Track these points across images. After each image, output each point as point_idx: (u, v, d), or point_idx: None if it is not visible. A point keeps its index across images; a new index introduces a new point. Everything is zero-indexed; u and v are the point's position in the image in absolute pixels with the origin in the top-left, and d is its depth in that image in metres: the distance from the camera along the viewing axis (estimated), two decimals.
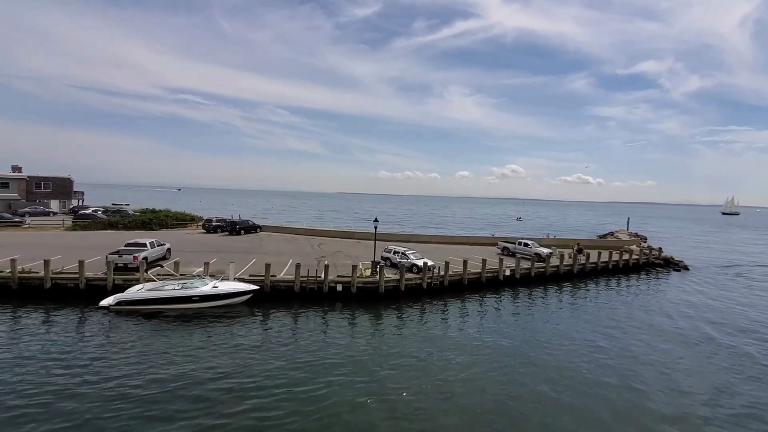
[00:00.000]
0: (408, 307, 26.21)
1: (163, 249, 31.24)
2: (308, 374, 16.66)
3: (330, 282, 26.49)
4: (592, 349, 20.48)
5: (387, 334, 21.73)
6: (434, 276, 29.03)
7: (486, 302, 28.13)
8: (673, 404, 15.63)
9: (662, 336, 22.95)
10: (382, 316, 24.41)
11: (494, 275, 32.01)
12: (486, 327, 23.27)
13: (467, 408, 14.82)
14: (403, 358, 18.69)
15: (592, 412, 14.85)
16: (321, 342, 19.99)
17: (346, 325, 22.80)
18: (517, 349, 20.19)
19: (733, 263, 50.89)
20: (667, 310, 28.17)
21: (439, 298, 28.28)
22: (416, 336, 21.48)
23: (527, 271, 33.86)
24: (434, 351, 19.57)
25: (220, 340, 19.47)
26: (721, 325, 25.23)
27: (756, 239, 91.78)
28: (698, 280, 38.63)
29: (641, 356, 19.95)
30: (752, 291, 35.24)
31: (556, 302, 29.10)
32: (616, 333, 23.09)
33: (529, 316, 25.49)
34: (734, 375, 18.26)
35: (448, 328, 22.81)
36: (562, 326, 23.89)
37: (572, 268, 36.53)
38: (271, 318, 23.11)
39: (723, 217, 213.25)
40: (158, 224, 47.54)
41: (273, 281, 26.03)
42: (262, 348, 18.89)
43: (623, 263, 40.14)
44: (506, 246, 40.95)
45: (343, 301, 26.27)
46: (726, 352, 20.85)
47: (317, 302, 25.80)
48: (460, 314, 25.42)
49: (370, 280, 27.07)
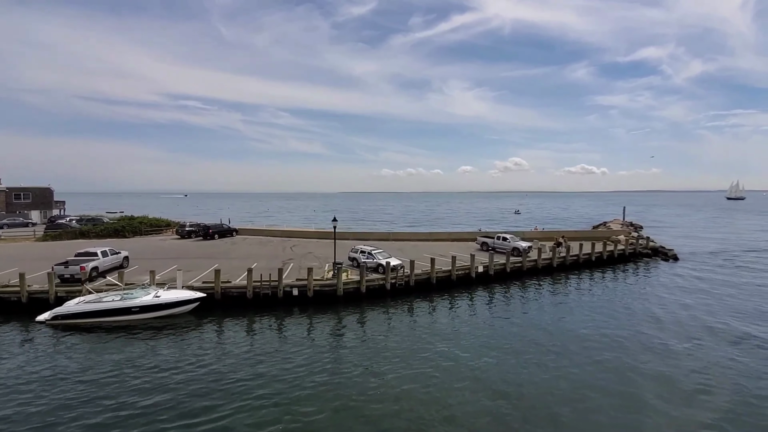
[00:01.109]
0: (370, 309, 24.80)
1: (119, 258, 30.05)
2: (253, 385, 15.48)
3: (285, 286, 25.17)
4: (567, 352, 18.96)
5: (342, 340, 20.33)
6: (398, 276, 27.61)
7: (454, 302, 26.63)
8: (648, 405, 14.15)
9: (632, 335, 21.36)
10: (338, 320, 23.04)
11: (466, 273, 30.50)
12: (451, 330, 21.74)
13: (424, 419, 13.50)
14: (350, 366, 17.32)
15: (571, 421, 13.41)
16: (270, 351, 18.69)
17: (299, 331, 21.38)
18: (481, 352, 18.75)
19: (726, 250, 49.08)
20: (645, 303, 26.53)
21: (405, 299, 26.85)
22: (372, 342, 20.06)
23: (502, 266, 32.32)
24: (387, 358, 18.16)
25: (155, 355, 18.17)
26: (700, 321, 23.59)
27: (756, 224, 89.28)
28: (685, 269, 36.85)
29: (610, 359, 18.42)
30: (739, 279, 33.44)
31: (530, 299, 27.54)
32: (589, 331, 21.51)
33: (499, 317, 23.90)
34: (704, 373, 16.71)
35: (408, 332, 21.30)
36: (531, 325, 22.34)
37: (552, 262, 34.92)
38: (217, 327, 21.81)
39: (728, 202, 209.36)
40: (131, 231, 46.49)
41: (224, 288, 24.74)
42: (200, 362, 17.51)
43: (608, 254, 38.44)
44: (485, 241, 39.39)
45: (300, 306, 24.95)
46: (699, 352, 19.26)
47: (272, 308, 24.50)
48: (424, 316, 23.95)
49: (328, 283, 25.70)
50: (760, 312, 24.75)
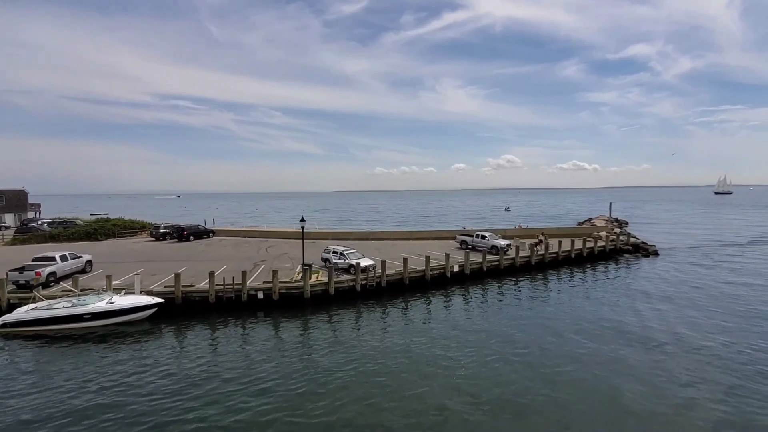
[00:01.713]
0: (338, 312, 23.99)
1: (81, 262, 28.94)
2: (213, 395, 14.70)
3: (250, 289, 24.31)
4: (540, 352, 18.33)
5: (307, 345, 19.50)
6: (369, 277, 26.86)
7: (427, 303, 25.94)
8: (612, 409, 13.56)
9: (604, 334, 20.80)
10: (305, 324, 22.23)
11: (440, 272, 29.85)
12: (422, 331, 21.00)
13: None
14: (315, 371, 16.57)
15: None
16: (231, 358, 17.92)
17: (264, 336, 20.56)
18: (454, 355, 18.10)
19: (706, 245, 49.23)
20: (620, 301, 26.05)
21: (376, 300, 26.11)
22: (338, 346, 19.25)
23: (478, 265, 31.69)
24: (353, 362, 17.41)
25: (106, 366, 17.19)
26: (675, 318, 23.13)
27: (738, 218, 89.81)
28: (663, 265, 36.53)
29: (583, 358, 17.83)
30: (715, 275, 33.15)
31: (506, 299, 26.91)
32: (561, 330, 20.92)
33: (473, 317, 23.20)
34: (668, 374, 16.17)
35: (378, 335, 20.51)
36: (505, 325, 21.69)
37: (530, 260, 34.37)
38: (175, 334, 20.91)
39: (715, 197, 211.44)
40: (104, 234, 45.24)
41: (186, 292, 23.82)
42: (154, 371, 16.60)
43: (588, 251, 38.03)
44: (464, 239, 38.78)
45: (265, 310, 24.11)
46: (669, 354, 18.75)
47: (236, 313, 23.64)
48: (394, 318, 23.18)
49: (294, 286, 24.88)
50: (729, 311, 24.36)
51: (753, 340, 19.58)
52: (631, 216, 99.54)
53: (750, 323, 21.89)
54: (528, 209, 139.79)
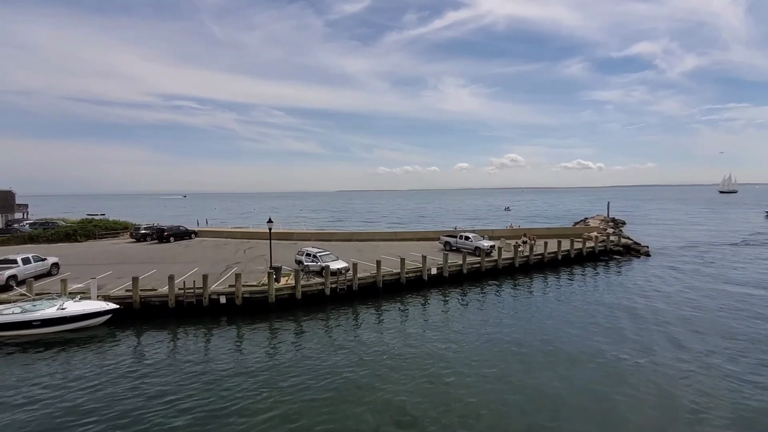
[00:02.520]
0: (304, 318, 22.99)
1: (45, 265, 28.18)
2: (168, 409, 13.82)
3: (212, 294, 23.40)
4: (514, 362, 17.28)
5: (269, 353, 18.54)
6: (339, 280, 25.86)
7: (400, 308, 24.89)
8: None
9: (586, 341, 19.69)
10: (269, 331, 21.31)
11: (417, 275, 28.79)
12: (390, 338, 19.98)
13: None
14: (276, 381, 15.69)
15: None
16: (190, 366, 17.05)
17: (224, 343, 19.64)
18: (426, 363, 17.19)
19: (701, 245, 48.05)
20: (604, 306, 24.88)
21: (347, 305, 25.11)
22: (300, 354, 18.37)
23: (458, 268, 30.61)
24: (316, 370, 16.52)
25: (53, 374, 16.33)
26: (656, 327, 21.96)
27: (740, 217, 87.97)
28: (654, 268, 35.26)
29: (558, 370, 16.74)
30: (705, 277, 31.86)
31: (485, 303, 25.77)
32: (539, 339, 19.83)
33: (448, 323, 22.10)
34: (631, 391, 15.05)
35: (343, 343, 19.52)
36: (482, 332, 20.61)
37: (513, 262, 33.24)
38: (130, 341, 20.04)
39: (720, 196, 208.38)
40: (84, 235, 44.60)
41: (144, 297, 22.96)
42: (103, 381, 15.69)
43: (575, 253, 36.82)
44: (448, 240, 37.68)
45: (228, 315, 23.19)
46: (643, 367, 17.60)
47: (198, 318, 22.77)
48: (364, 325, 22.15)
49: (258, 290, 23.93)
50: (715, 316, 23.17)
51: (734, 353, 18.41)
52: (630, 216, 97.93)
53: (733, 334, 20.69)
54: (528, 209, 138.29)
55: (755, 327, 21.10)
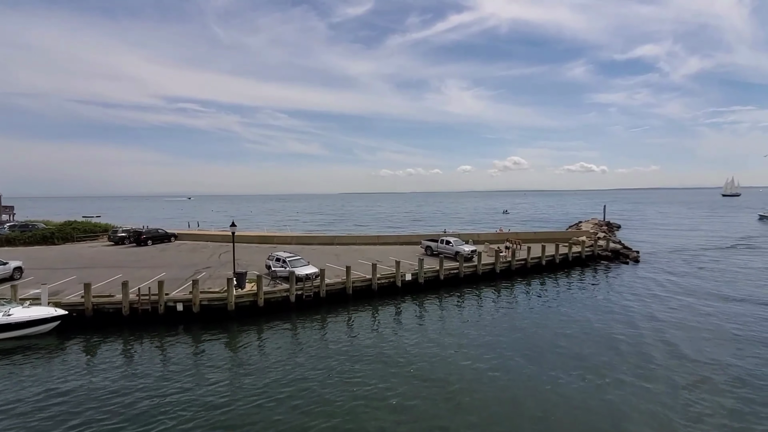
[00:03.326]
0: (268, 328, 21.92)
1: (8, 269, 27.34)
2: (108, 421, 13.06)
3: (168, 301, 22.42)
4: (486, 378, 16.20)
5: (226, 365, 17.54)
6: (306, 287, 24.83)
7: (370, 316, 23.79)
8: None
9: (554, 358, 18.55)
10: (226, 340, 20.29)
11: (390, 281, 27.73)
12: (356, 349, 18.97)
13: None
14: (232, 394, 14.73)
15: None
16: (140, 379, 16.17)
17: (179, 354, 18.67)
18: (392, 377, 16.13)
19: (693, 249, 46.90)
20: (583, 317, 23.71)
21: (314, 313, 24.04)
22: (264, 365, 17.45)
23: (435, 274, 29.52)
24: (274, 382, 15.61)
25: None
26: (635, 339, 20.79)
27: (737, 220, 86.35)
28: (641, 274, 33.98)
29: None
30: (693, 285, 30.59)
31: (460, 312, 24.59)
32: (512, 352, 18.72)
33: (419, 333, 20.97)
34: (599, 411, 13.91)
35: (304, 353, 18.55)
36: (453, 344, 19.44)
37: (495, 268, 32.10)
38: (77, 351, 19.09)
39: (722, 199, 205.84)
40: (61, 238, 43.89)
41: (97, 303, 21.99)
42: (45, 395, 14.77)
43: (561, 258, 35.62)
44: (429, 245, 36.62)
45: (185, 324, 22.19)
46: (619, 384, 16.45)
47: (153, 326, 21.79)
48: (331, 334, 21.06)
49: (217, 297, 22.93)
50: (694, 333, 21.96)
51: (695, 373, 17.24)
52: (628, 219, 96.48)
53: (716, 351, 19.50)
54: (527, 212, 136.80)
55: (727, 345, 19.91)
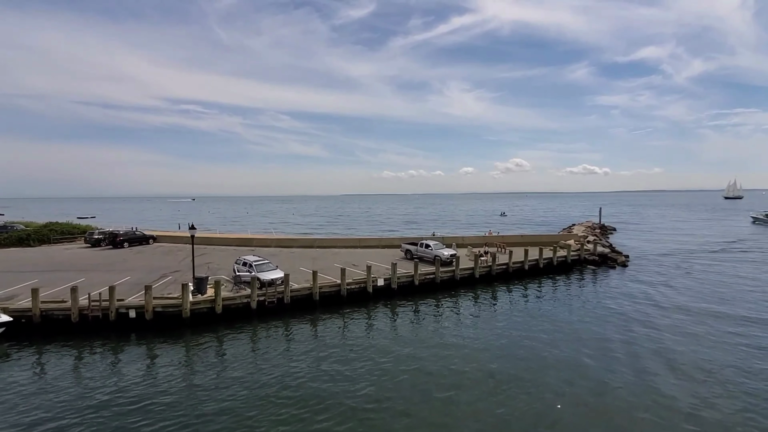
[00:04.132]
0: (226, 336, 20.86)
1: None
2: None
3: (120, 307, 21.38)
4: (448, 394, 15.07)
5: (178, 376, 16.58)
6: (268, 293, 23.75)
7: (338, 324, 22.61)
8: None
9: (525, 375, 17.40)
10: (181, 349, 19.33)
11: (361, 287, 26.61)
12: (321, 360, 17.92)
13: None
14: (184, 408, 13.71)
15: None
16: (83, 391, 15.27)
17: (125, 364, 17.71)
18: (353, 389, 15.03)
19: (682, 252, 45.82)
20: (554, 326, 22.52)
21: (277, 320, 22.92)
22: (219, 375, 16.52)
23: (409, 279, 28.38)
24: (230, 396, 14.46)
25: None
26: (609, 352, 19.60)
27: (732, 223, 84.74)
28: (627, 279, 32.68)
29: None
30: (679, 290, 29.33)
31: (432, 320, 23.38)
32: (480, 365, 17.58)
33: (387, 343, 19.84)
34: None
35: (263, 363, 17.55)
36: (418, 356, 18.35)
37: (474, 272, 30.92)
38: (21, 360, 18.09)
39: (723, 202, 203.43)
40: (38, 240, 43.03)
41: (45, 310, 20.99)
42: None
43: (545, 262, 34.40)
44: (408, 248, 35.49)
45: (138, 331, 21.15)
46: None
47: (104, 334, 20.78)
48: (292, 342, 20.05)
49: (171, 304, 21.86)
50: (665, 346, 20.73)
51: (674, 383, 16.04)
52: (626, 222, 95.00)
53: (686, 360, 18.29)
54: (525, 214, 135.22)
55: (700, 353, 18.69)
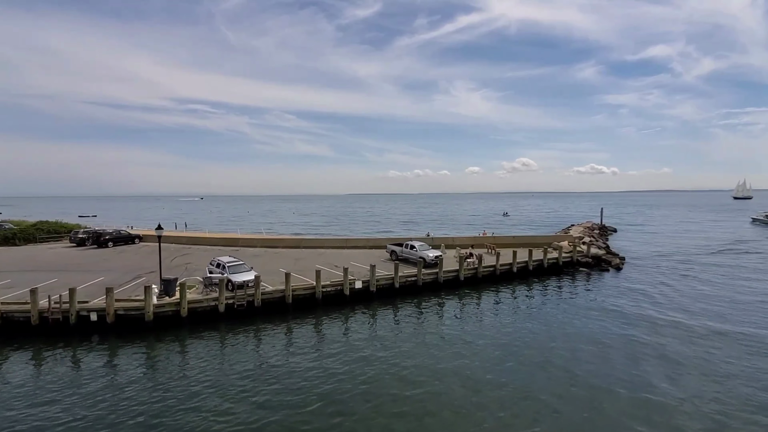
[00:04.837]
0: (191, 340, 20.05)
1: None
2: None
3: (82, 309, 20.67)
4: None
5: (139, 382, 15.88)
6: (237, 295, 22.93)
7: (312, 328, 21.72)
8: None
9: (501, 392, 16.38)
10: (142, 354, 18.57)
11: (337, 290, 25.70)
12: (290, 367, 17.13)
13: None
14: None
15: None
16: (44, 396, 14.72)
17: (85, 368, 17.14)
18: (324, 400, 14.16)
19: (680, 254, 44.69)
20: (535, 334, 21.44)
21: (246, 324, 22.06)
22: (180, 383, 15.77)
23: (389, 282, 27.42)
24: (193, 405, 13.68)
25: None
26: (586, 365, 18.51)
27: (733, 224, 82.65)
28: (619, 284, 31.36)
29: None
30: (665, 299, 28.04)
31: (411, 326, 22.36)
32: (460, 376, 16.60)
33: (361, 348, 18.93)
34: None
35: (234, 371, 16.74)
36: (393, 365, 17.40)
37: (458, 275, 29.87)
38: None
39: (732, 202, 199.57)
40: (24, 239, 42.76)
41: (5, 312, 20.38)
42: None
43: (535, 265, 33.23)
44: (394, 249, 34.52)
45: (101, 334, 20.44)
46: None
47: (65, 337, 20.10)
48: (264, 347, 19.26)
49: (134, 306, 21.11)
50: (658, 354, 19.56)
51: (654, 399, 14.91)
52: (629, 222, 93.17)
53: (656, 373, 17.15)
54: (529, 214, 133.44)
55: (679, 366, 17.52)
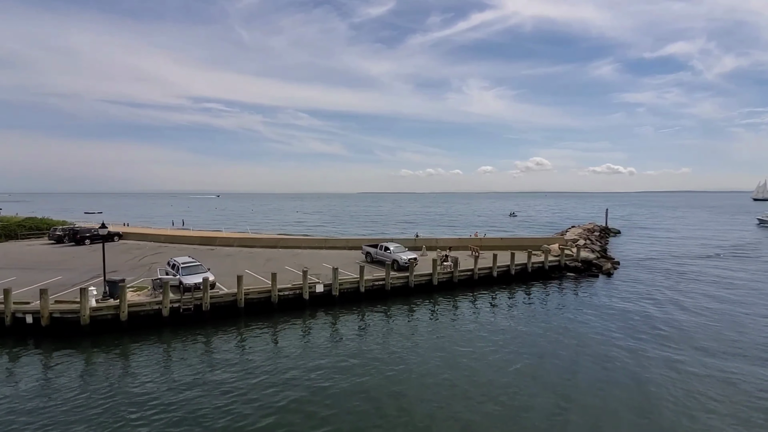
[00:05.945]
0: (132, 344, 18.98)
1: None
2: None
3: (17, 311, 19.74)
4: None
5: (74, 389, 14.86)
6: (183, 299, 21.73)
7: (267, 334, 20.41)
8: None
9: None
10: (78, 359, 17.57)
11: (296, 294, 24.33)
12: (238, 374, 15.97)
13: None
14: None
15: None
16: None
17: (25, 373, 16.24)
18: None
19: (678, 258, 42.55)
20: (497, 353, 19.70)
21: (194, 330, 20.80)
22: (118, 390, 14.70)
23: (354, 286, 25.92)
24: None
25: None
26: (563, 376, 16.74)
27: (739, 226, 78.69)
28: (607, 291, 29.22)
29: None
30: (660, 304, 25.89)
31: (374, 334, 20.87)
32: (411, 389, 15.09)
33: (314, 358, 17.56)
34: None
35: (179, 381, 15.59)
36: (350, 373, 16.04)
37: (431, 280, 28.20)
38: None
39: (753, 203, 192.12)
40: (5, 235, 42.72)
41: None
42: None
43: (518, 269, 31.33)
44: (369, 251, 33.02)
45: (36, 338, 19.49)
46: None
47: (1, 340, 19.24)
48: (216, 354, 18.06)
49: (70, 309, 20.07)
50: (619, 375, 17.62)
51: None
52: (638, 224, 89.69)
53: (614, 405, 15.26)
54: (537, 214, 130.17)
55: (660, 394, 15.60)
